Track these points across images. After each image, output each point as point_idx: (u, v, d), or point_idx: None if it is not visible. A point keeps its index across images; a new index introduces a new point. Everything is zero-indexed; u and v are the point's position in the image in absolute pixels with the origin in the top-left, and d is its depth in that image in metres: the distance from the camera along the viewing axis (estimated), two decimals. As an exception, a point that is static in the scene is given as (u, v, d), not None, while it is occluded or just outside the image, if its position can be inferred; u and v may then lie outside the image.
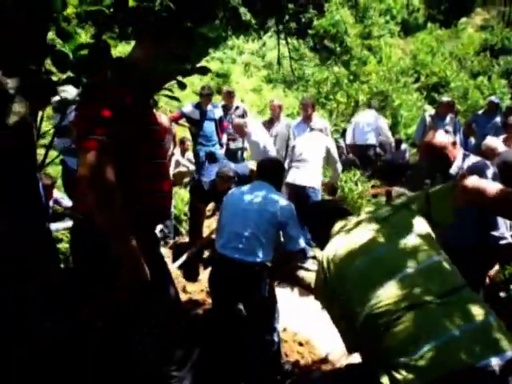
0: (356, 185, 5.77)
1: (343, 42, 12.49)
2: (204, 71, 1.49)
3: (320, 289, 1.62)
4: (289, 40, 12.21)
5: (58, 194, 4.59)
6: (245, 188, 2.85)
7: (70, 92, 1.52)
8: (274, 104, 5.94)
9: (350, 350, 1.58)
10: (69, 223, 4.03)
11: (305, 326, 3.52)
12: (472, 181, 1.43)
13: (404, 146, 8.24)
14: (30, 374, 1.61)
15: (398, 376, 1.20)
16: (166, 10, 1.34)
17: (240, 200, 2.75)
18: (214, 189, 4.18)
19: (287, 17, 12.07)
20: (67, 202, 4.39)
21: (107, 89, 1.36)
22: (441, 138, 2.64)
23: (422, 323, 1.24)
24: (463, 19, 15.41)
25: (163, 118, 4.35)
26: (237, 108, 6.33)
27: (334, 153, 4.67)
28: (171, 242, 4.86)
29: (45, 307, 1.62)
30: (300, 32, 12.60)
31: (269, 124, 5.86)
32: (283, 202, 2.72)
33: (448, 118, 6.56)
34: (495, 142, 4.05)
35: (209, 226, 5.10)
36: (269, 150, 5.26)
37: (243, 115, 6.39)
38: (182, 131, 7.23)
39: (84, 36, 7.42)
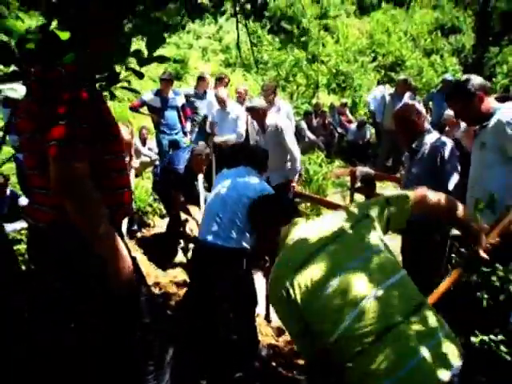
0: (320, 166, 5.82)
1: (300, 23, 12.45)
2: (162, 60, 1.42)
3: (278, 306, 1.52)
4: (246, 22, 12.02)
5: (14, 191, 4.38)
6: (230, 173, 2.88)
7: (17, 90, 1.39)
8: (241, 91, 6.08)
9: (312, 364, 1.52)
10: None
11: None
12: (427, 194, 1.54)
13: (366, 126, 8.37)
14: (30, 374, 1.57)
15: None
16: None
17: (223, 185, 2.78)
18: (188, 173, 4.09)
19: (243, -1, 11.86)
20: (23, 201, 4.19)
21: (62, 84, 1.27)
22: (415, 109, 2.78)
23: (396, 347, 1.27)
24: (415, -1, 15.74)
25: (123, 131, 4.10)
26: (205, 93, 6.23)
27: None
28: (138, 235, 4.76)
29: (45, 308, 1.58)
30: (256, 14, 12.44)
31: None
32: (264, 188, 2.71)
33: (406, 96, 6.69)
34: None
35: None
36: (240, 125, 5.41)
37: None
38: (142, 120, 7.05)
39: (28, 21, 6.99)
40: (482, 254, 1.47)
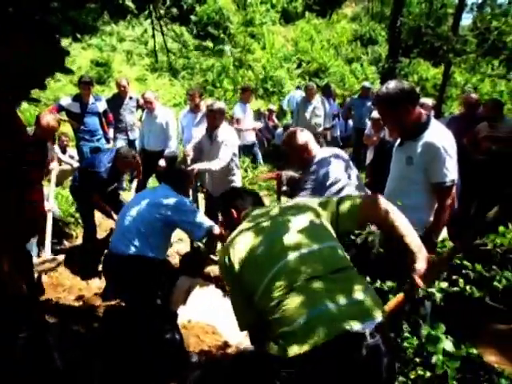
0: (246, 171, 5.89)
1: (227, 29, 12.56)
2: (67, 71, 1.36)
3: (224, 274, 1.71)
4: (171, 27, 11.87)
5: None
6: (147, 190, 3.13)
7: None
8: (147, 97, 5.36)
9: (242, 328, 1.71)
10: None
11: (208, 315, 3.55)
12: (378, 201, 1.63)
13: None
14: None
15: (285, 344, 1.33)
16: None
17: (136, 198, 2.89)
18: (112, 175, 3.99)
19: (168, 2, 11.73)
20: None
21: None
22: (299, 137, 2.77)
23: (308, 297, 1.38)
24: (337, 10, 16.55)
25: (48, 119, 3.67)
26: (130, 98, 6.01)
27: None
28: (60, 247, 4.48)
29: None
30: (182, 19, 12.35)
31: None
32: (174, 197, 2.76)
33: (314, 101, 6.88)
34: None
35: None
36: (170, 130, 5.33)
37: (138, 106, 6.13)
38: (62, 126, 6.68)
39: None
40: (418, 281, 1.53)
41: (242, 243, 1.60)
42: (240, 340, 3.36)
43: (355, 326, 1.30)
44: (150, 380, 2.63)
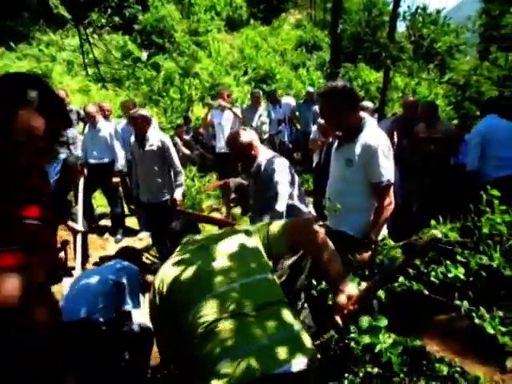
0: (192, 180, 5.81)
1: (172, 37, 12.44)
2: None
3: (152, 308, 1.65)
4: (115, 36, 11.57)
5: None
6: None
7: None
8: (90, 111, 5.23)
9: (165, 362, 1.71)
10: None
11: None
12: (307, 225, 1.64)
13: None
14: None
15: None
16: None
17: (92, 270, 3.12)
18: (61, 187, 3.90)
19: (109, 11, 11.45)
20: None
21: None
22: (243, 137, 2.73)
23: (233, 333, 1.32)
24: (281, 17, 16.87)
25: None
26: (70, 111, 5.71)
27: None
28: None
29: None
30: (125, 28, 12.10)
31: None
32: (126, 266, 2.83)
33: (260, 109, 6.87)
34: None
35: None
36: (114, 142, 5.19)
37: (78, 119, 5.88)
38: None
39: None
40: (337, 319, 1.52)
41: (172, 269, 1.58)
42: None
43: (279, 367, 1.25)
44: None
